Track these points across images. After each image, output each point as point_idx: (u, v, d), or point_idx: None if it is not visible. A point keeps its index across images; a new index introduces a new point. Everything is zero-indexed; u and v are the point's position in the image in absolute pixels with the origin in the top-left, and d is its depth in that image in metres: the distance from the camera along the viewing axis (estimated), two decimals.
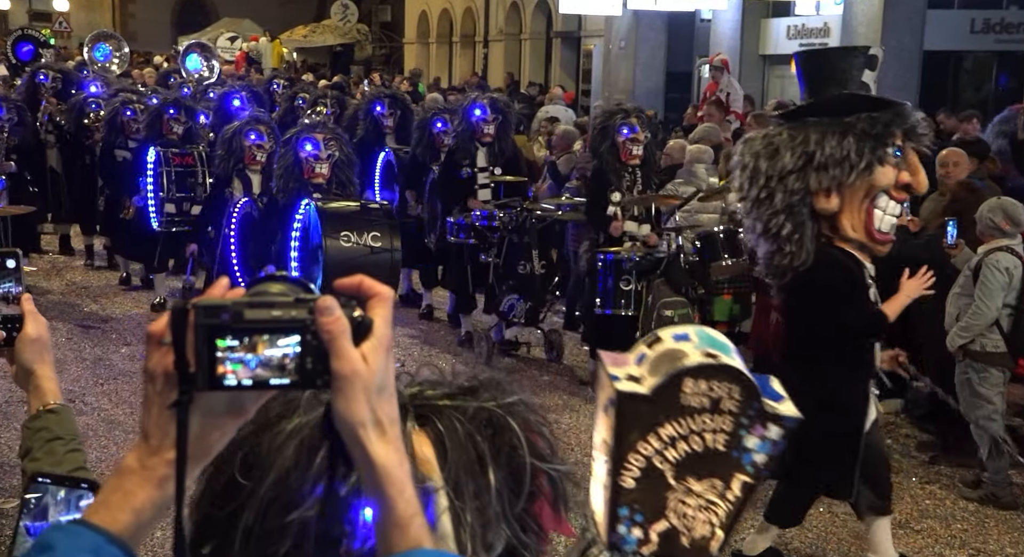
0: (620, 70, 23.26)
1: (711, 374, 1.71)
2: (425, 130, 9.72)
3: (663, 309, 7.30)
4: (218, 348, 1.06)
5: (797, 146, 4.59)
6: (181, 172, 9.70)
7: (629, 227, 7.90)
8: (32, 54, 19.97)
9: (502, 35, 28.41)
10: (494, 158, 9.16)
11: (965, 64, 19.02)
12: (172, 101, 10.31)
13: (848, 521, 6.04)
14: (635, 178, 7.93)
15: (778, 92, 19.81)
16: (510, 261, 8.60)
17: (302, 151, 6.97)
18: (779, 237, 4.65)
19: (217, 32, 34.53)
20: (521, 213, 8.54)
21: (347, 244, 6.48)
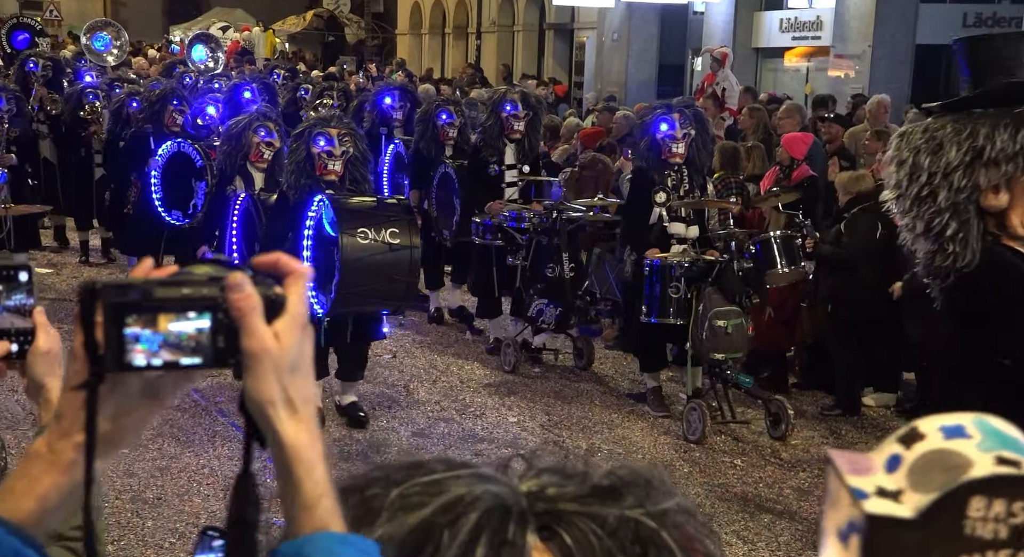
0: (613, 62, 23.26)
1: (1011, 490, 1.10)
2: (429, 123, 9.40)
3: (715, 319, 6.88)
4: (127, 327, 1.03)
5: (964, 140, 4.28)
6: None
7: (676, 229, 7.44)
8: (28, 42, 19.56)
9: (495, 26, 28.37)
10: (523, 155, 8.79)
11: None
12: (175, 92, 10.07)
13: None
14: (681, 177, 7.47)
15: (771, 85, 19.86)
16: (538, 264, 8.20)
17: (315, 146, 6.65)
18: (942, 236, 4.35)
19: (209, 22, 34.42)
20: (551, 214, 8.14)
21: (364, 241, 6.23)
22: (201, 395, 7.82)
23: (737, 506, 6.13)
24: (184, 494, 6.05)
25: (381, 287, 6.34)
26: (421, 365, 8.60)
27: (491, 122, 8.72)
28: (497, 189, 8.69)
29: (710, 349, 6.89)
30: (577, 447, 7.00)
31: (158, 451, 6.64)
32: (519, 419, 7.52)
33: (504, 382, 8.27)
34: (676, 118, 7.35)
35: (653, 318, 7.20)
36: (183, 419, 7.30)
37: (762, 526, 5.87)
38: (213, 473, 6.38)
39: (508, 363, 8.42)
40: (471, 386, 8.15)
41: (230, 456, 6.64)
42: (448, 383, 8.19)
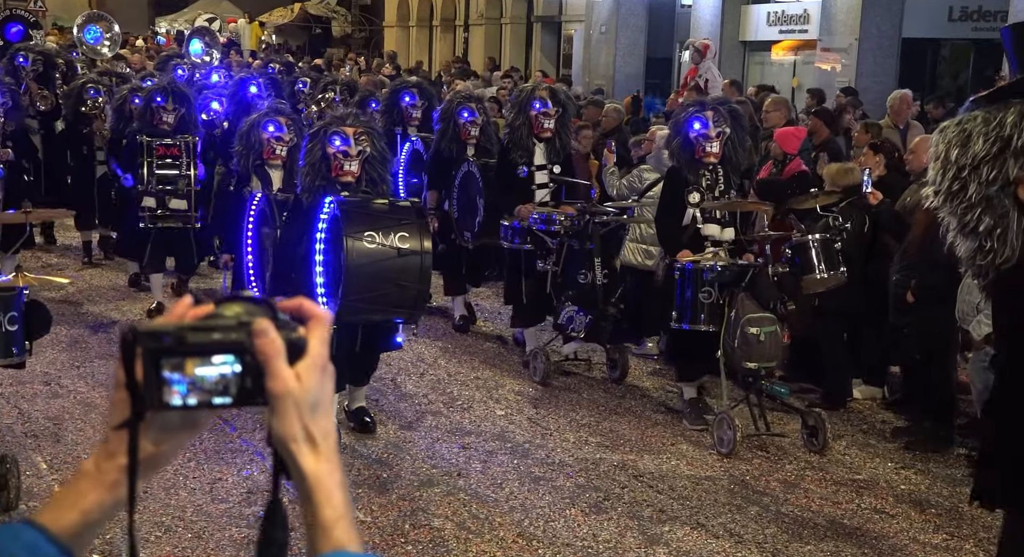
0: (600, 55, 23.24)
1: None
2: (450, 121, 8.97)
3: (747, 326, 6.53)
4: (163, 370, 1.16)
5: (991, 131, 4.11)
6: (164, 164, 9.08)
7: (711, 231, 7.09)
8: (21, 35, 19.14)
9: (482, 19, 28.32)
10: (554, 155, 8.36)
11: (943, 51, 19.09)
12: (160, 89, 9.56)
13: (824, 506, 6.09)
14: (716, 177, 7.14)
15: (758, 78, 19.84)
16: (569, 269, 7.78)
17: (330, 146, 6.32)
18: (978, 233, 4.20)
19: (195, 13, 34.33)
20: (583, 217, 7.72)
21: (371, 246, 5.93)
22: None
23: (724, 498, 6.13)
24: (170, 488, 6.02)
25: (390, 294, 6.03)
26: (408, 359, 8.57)
27: (519, 121, 8.30)
28: (527, 191, 8.29)
29: (742, 358, 6.58)
30: (564, 440, 6.99)
31: None
32: (506, 412, 7.50)
33: (492, 376, 8.26)
34: (710, 116, 7.09)
35: (684, 325, 6.90)
36: None
37: (749, 519, 5.87)
38: (199, 467, 6.35)
39: (537, 374, 8.00)
40: (458, 379, 8.13)
41: (216, 450, 6.62)
42: (435, 377, 8.17)
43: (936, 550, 5.58)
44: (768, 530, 5.74)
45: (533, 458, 6.67)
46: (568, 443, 6.94)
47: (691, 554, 5.44)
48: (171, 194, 9.08)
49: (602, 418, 7.41)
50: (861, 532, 5.76)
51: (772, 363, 6.72)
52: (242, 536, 5.48)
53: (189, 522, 5.62)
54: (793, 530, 5.75)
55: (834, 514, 5.97)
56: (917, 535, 5.75)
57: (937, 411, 7.04)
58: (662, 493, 6.18)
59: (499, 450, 6.78)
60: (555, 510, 5.92)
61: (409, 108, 9.81)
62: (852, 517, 5.94)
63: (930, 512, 6.03)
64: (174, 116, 9.30)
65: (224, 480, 6.17)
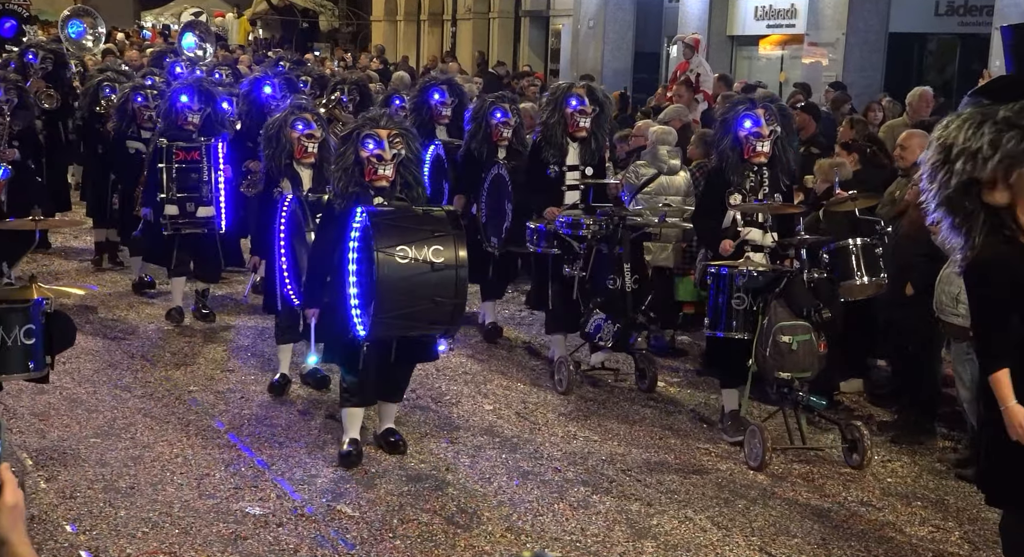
0: (589, 50, 23.24)
1: None
2: (482, 122, 8.61)
3: (779, 334, 6.25)
4: None
5: (942, 136, 4.21)
6: (184, 169, 8.61)
7: (753, 236, 6.77)
8: (15, 30, 18.66)
9: (470, 14, 28.28)
10: (589, 156, 7.99)
11: (929, 46, 19.12)
12: (184, 88, 9.05)
13: (811, 499, 6.10)
14: (761, 179, 6.79)
15: (745, 73, 19.87)
16: (598, 275, 7.43)
17: (364, 150, 6.02)
18: (951, 230, 4.36)
19: (180, 8, 34.21)
20: (612, 220, 7.38)
21: (403, 261, 5.68)
22: (174, 384, 7.77)
23: (711, 492, 6.15)
24: (158, 483, 6.01)
25: (425, 310, 5.78)
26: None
27: (554, 119, 7.94)
28: (556, 192, 7.96)
29: (774, 367, 6.28)
30: (552, 434, 7.00)
31: (131, 440, 6.60)
32: (494, 407, 7.51)
33: (479, 371, 8.26)
34: (761, 114, 6.75)
35: (719, 332, 6.61)
36: (156, 408, 7.26)
37: (736, 512, 5.89)
38: (187, 462, 6.34)
39: (561, 384, 7.68)
40: (446, 374, 8.13)
41: (203, 445, 6.61)
42: (423, 371, 8.14)
43: (922, 542, 5.60)
44: (756, 523, 5.76)
45: (521, 453, 6.67)
46: (556, 437, 6.95)
47: (679, 547, 5.45)
48: (194, 201, 8.67)
49: (590, 413, 7.42)
50: (848, 525, 5.78)
51: (806, 373, 6.40)
52: (229, 532, 5.47)
53: (176, 518, 5.61)
54: (780, 523, 5.76)
55: (821, 507, 5.99)
56: (903, 527, 5.77)
57: (923, 404, 7.07)
58: (650, 487, 6.19)
59: (487, 445, 6.78)
60: (543, 504, 5.92)
61: (439, 106, 9.43)
62: (839, 510, 5.96)
63: (916, 504, 6.05)
64: (200, 116, 8.87)
65: (211, 476, 6.16)
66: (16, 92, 9.92)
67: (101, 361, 8.17)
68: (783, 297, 6.36)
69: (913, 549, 5.52)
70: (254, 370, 8.13)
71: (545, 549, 5.38)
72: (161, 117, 9.13)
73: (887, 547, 5.54)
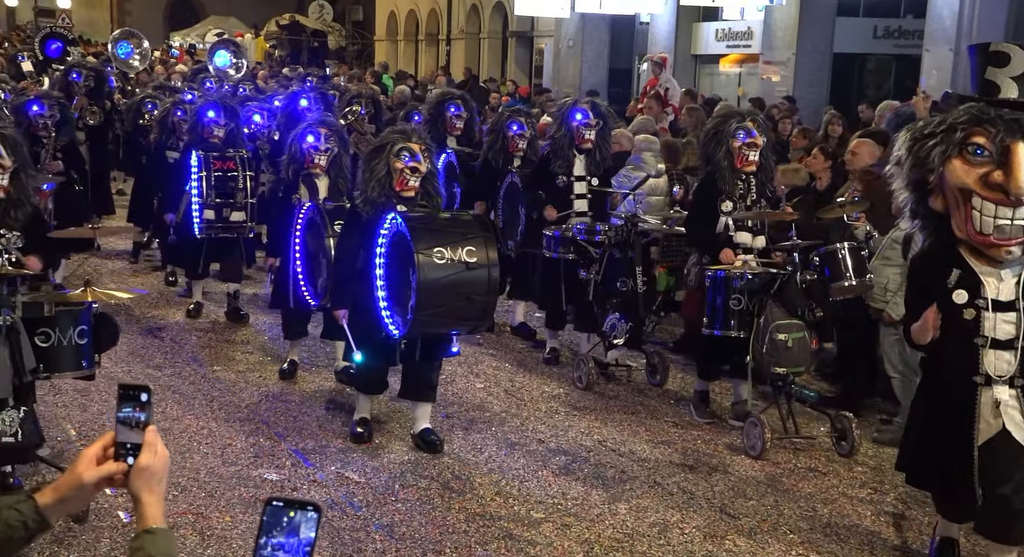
0: (568, 66, 23.20)
1: None
2: (499, 134, 8.40)
3: (775, 332, 6.07)
4: None
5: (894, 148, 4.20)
6: (221, 177, 8.39)
7: (743, 239, 6.61)
8: (60, 51, 18.27)
9: (463, 34, 28.20)
10: (594, 166, 7.78)
11: (868, 65, 19.17)
12: (209, 104, 8.91)
13: (764, 467, 6.11)
14: (749, 186, 6.63)
15: (707, 88, 19.87)
16: (610, 278, 7.20)
17: (400, 161, 5.81)
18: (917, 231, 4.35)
19: (205, 29, 34.05)
20: (625, 227, 7.19)
21: (441, 261, 5.49)
22: (200, 364, 7.74)
23: (677, 460, 6.15)
24: (185, 452, 5.98)
25: (460, 307, 5.61)
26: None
27: (560, 132, 7.76)
28: (565, 201, 7.76)
29: (771, 363, 6.11)
30: (537, 410, 7.00)
31: (161, 414, 6.57)
32: (485, 385, 7.50)
33: (472, 353, 8.23)
34: (752, 126, 6.60)
35: (716, 331, 6.39)
36: (184, 386, 7.23)
37: (699, 478, 5.89)
38: (211, 434, 6.32)
39: (581, 380, 7.39)
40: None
41: (226, 418, 6.58)
42: None
43: (862, 503, 5.62)
44: (716, 488, 5.77)
45: (509, 426, 6.67)
46: (540, 413, 6.95)
47: (648, 510, 5.46)
48: (229, 206, 8.49)
49: (571, 390, 7.41)
50: (797, 488, 5.80)
51: (800, 368, 6.25)
52: (250, 495, 5.46)
53: (203, 483, 5.60)
54: (738, 487, 5.78)
55: (773, 473, 6.00)
56: (846, 490, 5.79)
57: (865, 382, 7.09)
58: (623, 456, 6.20)
59: (479, 419, 6.77)
60: (528, 471, 5.92)
61: (454, 118, 9.15)
62: (789, 475, 5.97)
63: (857, 470, 6.07)
64: (224, 131, 8.67)
65: (233, 445, 6.14)
66: (59, 108, 9.74)
67: (136, 345, 8.13)
68: (778, 298, 6.19)
69: (854, 509, 5.54)
70: (272, 355, 8.10)
71: (530, 511, 5.38)
72: (188, 130, 8.98)
73: (831, 507, 5.55)
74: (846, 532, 5.26)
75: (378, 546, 4.95)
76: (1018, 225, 3.96)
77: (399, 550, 4.91)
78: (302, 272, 7.00)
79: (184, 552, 4.82)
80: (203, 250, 8.73)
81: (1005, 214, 3.95)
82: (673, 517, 5.36)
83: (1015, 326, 4.06)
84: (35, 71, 17.99)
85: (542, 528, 5.20)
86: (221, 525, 5.13)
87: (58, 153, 9.44)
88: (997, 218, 3.96)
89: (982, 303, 4.10)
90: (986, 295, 4.10)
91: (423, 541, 5.01)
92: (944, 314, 4.16)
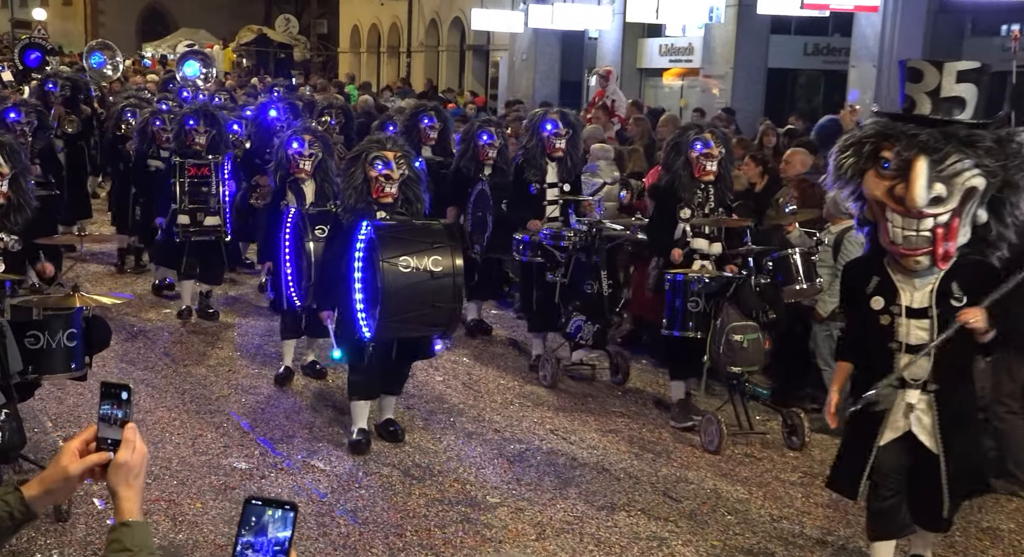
0: (522, 78, 23.23)
1: None
2: (470, 143, 8.30)
3: (731, 333, 6.01)
4: None
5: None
6: (195, 182, 8.23)
7: (699, 245, 6.50)
8: (39, 61, 17.92)
9: (423, 47, 28.12)
10: (565, 174, 7.69)
11: (800, 80, 19.42)
12: (192, 112, 8.62)
13: (705, 453, 6.16)
14: (707, 195, 6.50)
15: (652, 100, 19.99)
16: (577, 281, 7.10)
17: (373, 170, 5.71)
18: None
19: (176, 40, 33.58)
20: (590, 232, 7.08)
21: (405, 270, 5.39)
22: (172, 358, 7.64)
23: (624, 448, 6.19)
24: (158, 442, 5.91)
25: (426, 314, 5.50)
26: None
27: (532, 142, 7.66)
28: (538, 207, 7.65)
29: (727, 363, 6.05)
30: (493, 401, 7.00)
31: (135, 406, 6.47)
32: (444, 378, 7.48)
33: None
34: (709, 137, 6.48)
35: (675, 332, 6.30)
36: (156, 379, 7.13)
37: (644, 464, 5.93)
38: (183, 425, 6.24)
39: (546, 378, 7.28)
40: None
41: (197, 410, 6.51)
42: None
43: (793, 486, 5.69)
44: (660, 472, 5.81)
45: (466, 417, 6.66)
46: (496, 404, 6.95)
47: (597, 493, 5.48)
48: (203, 212, 8.27)
49: (524, 383, 7.42)
50: (735, 472, 5.86)
51: (754, 367, 6.21)
52: (219, 483, 5.40)
53: (175, 471, 5.53)
54: (680, 472, 5.82)
55: (713, 459, 6.05)
56: (779, 474, 5.86)
57: (797, 374, 7.17)
58: (573, 444, 6.22)
59: (438, 410, 6.76)
60: (485, 459, 5.92)
61: (427, 129, 9.03)
62: (727, 461, 6.03)
63: (789, 456, 6.14)
64: (206, 138, 8.40)
65: (204, 436, 6.08)
66: (36, 115, 9.53)
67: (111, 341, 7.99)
68: (734, 300, 6.11)
69: (786, 491, 5.60)
70: (242, 351, 8.02)
71: (487, 496, 5.38)
72: (172, 138, 8.79)
73: (766, 490, 5.62)
74: (779, 513, 5.33)
75: (342, 530, 4.92)
76: (923, 236, 3.92)
77: (362, 534, 4.89)
78: (292, 275, 6.90)
79: (157, 537, 4.76)
80: (186, 251, 8.50)
81: (910, 225, 3.90)
82: (620, 500, 5.39)
83: (928, 332, 4.02)
84: (15, 80, 17.61)
85: (497, 512, 5.20)
86: (192, 511, 5.07)
87: (35, 158, 9.18)
88: (904, 229, 3.92)
89: (896, 310, 4.06)
90: (900, 302, 4.06)
91: (385, 525, 5.00)
92: (864, 319, 4.15)
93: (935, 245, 3.91)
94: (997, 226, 3.99)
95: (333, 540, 4.82)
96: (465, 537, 4.91)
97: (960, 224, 3.93)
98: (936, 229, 3.89)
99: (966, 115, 3.92)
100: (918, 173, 3.79)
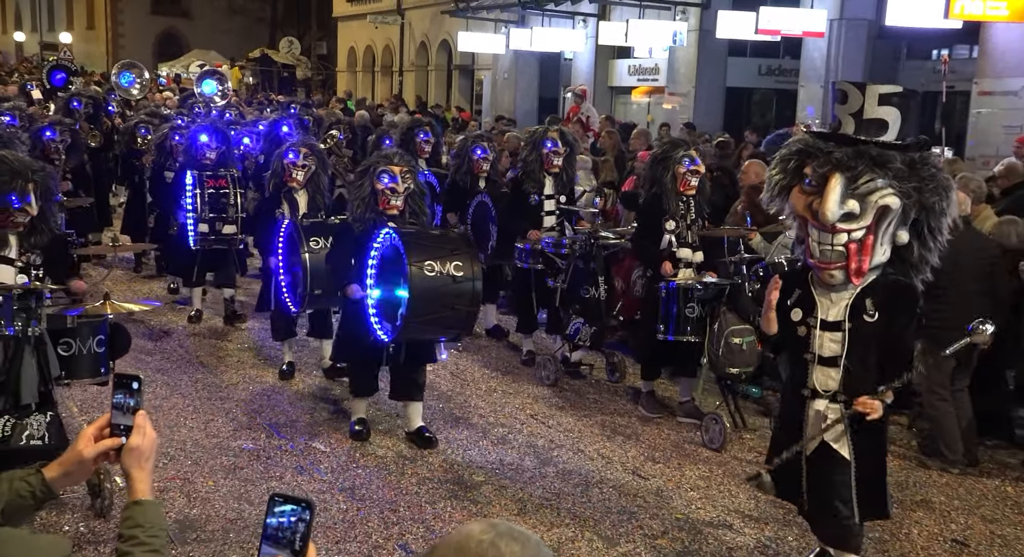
0: (504, 95, 23.22)
1: None
2: (465, 157, 8.16)
3: (731, 337, 5.88)
4: None
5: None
6: (214, 194, 8.08)
7: (684, 254, 6.36)
8: (64, 81, 17.60)
9: (413, 66, 28.04)
10: (561, 186, 7.61)
11: (754, 98, 19.48)
12: (204, 128, 8.54)
13: (670, 436, 6.17)
14: (689, 207, 6.39)
15: (622, 115, 20.00)
16: (575, 286, 6.97)
17: (380, 182, 5.55)
18: None
19: (189, 60, 33.40)
20: (588, 240, 6.95)
21: (431, 274, 5.27)
22: (186, 350, 7.59)
23: (597, 431, 6.19)
24: (173, 426, 5.87)
25: (444, 317, 5.39)
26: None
27: (532, 157, 7.55)
28: (537, 217, 7.53)
29: (726, 364, 5.92)
30: (478, 389, 6.99)
31: (152, 394, 6.44)
32: (433, 367, 7.40)
33: None
34: (696, 155, 6.37)
35: (671, 336, 6.11)
36: (172, 368, 7.09)
37: (616, 445, 5.94)
38: (196, 410, 6.21)
39: (548, 378, 7.12)
40: None
41: (208, 397, 6.47)
42: None
43: (750, 464, 5.69)
44: (630, 453, 5.82)
45: (454, 402, 6.65)
46: (481, 391, 6.94)
47: (573, 472, 5.49)
48: (221, 221, 8.11)
49: (507, 372, 7.42)
50: (697, 453, 5.88)
51: (750, 368, 6.06)
52: (229, 463, 5.37)
53: (188, 452, 5.50)
54: (648, 453, 5.83)
55: (678, 440, 6.07)
56: (737, 454, 5.88)
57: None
58: (551, 428, 6.22)
59: (428, 397, 6.68)
60: (471, 442, 5.91)
61: (423, 143, 8.89)
62: (690, 443, 6.04)
63: (746, 437, 6.16)
64: (216, 153, 8.30)
65: (215, 420, 6.04)
66: (69, 134, 9.36)
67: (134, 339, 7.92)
68: (731, 306, 5.98)
69: (743, 469, 5.61)
70: (251, 346, 7.98)
71: (472, 475, 5.38)
72: (183, 152, 8.66)
73: (725, 468, 5.64)
74: (736, 489, 5.35)
75: (341, 506, 4.91)
76: (837, 251, 3.70)
77: (359, 509, 4.88)
78: (285, 283, 6.77)
79: (173, 512, 4.74)
80: (197, 260, 8.39)
81: (825, 239, 3.71)
82: (594, 478, 5.40)
83: (840, 345, 3.82)
84: (43, 98, 17.43)
85: (482, 489, 5.20)
86: (205, 489, 5.04)
87: (68, 174, 9.11)
88: (820, 244, 3.75)
89: (812, 322, 3.85)
90: (817, 315, 3.85)
91: (380, 502, 4.98)
92: (785, 330, 3.96)
93: (848, 260, 3.69)
94: (920, 248, 3.78)
95: (333, 515, 4.80)
96: (453, 512, 4.91)
97: (876, 242, 3.70)
98: (849, 244, 3.70)
99: (888, 137, 3.73)
100: (831, 188, 3.63)
